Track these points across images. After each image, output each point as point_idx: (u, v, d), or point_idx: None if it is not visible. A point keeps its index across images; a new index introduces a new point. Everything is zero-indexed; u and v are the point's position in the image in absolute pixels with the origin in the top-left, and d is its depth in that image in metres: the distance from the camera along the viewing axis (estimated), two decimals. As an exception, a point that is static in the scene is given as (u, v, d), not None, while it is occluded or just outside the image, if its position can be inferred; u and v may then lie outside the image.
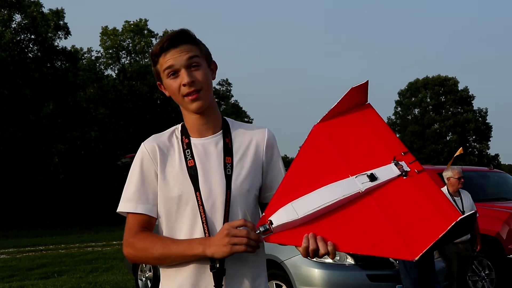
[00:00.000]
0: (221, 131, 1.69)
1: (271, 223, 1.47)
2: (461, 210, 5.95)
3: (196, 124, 1.67)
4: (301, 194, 1.49)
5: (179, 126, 1.74)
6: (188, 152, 1.64)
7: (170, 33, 1.64)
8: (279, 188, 1.54)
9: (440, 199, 1.43)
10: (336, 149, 1.57)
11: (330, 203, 1.45)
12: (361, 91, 1.62)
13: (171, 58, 1.60)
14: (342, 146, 1.58)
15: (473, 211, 1.36)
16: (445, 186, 6.15)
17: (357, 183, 1.48)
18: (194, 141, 1.67)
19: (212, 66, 1.69)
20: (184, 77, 1.59)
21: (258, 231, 1.48)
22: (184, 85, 1.59)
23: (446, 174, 6.10)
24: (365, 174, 1.50)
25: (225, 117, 1.74)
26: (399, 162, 1.52)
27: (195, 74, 1.60)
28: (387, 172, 1.50)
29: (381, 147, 1.57)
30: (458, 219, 1.33)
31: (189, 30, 1.66)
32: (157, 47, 1.63)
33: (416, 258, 1.33)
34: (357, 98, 1.64)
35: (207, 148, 1.66)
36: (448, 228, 1.33)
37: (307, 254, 1.44)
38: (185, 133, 1.69)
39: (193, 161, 1.63)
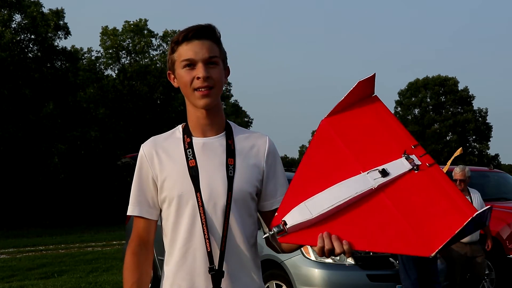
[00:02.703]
0: (224, 132, 1.67)
1: (285, 223, 1.46)
2: None
3: (201, 123, 1.65)
4: (314, 193, 1.48)
5: (179, 126, 1.72)
6: (189, 151, 1.62)
7: (197, 24, 1.60)
8: (290, 186, 1.53)
9: (453, 194, 1.42)
10: (346, 145, 1.56)
11: (343, 201, 1.44)
12: (368, 84, 1.60)
13: (192, 50, 1.58)
14: (352, 141, 1.57)
15: (489, 206, 1.35)
16: None
17: (369, 180, 1.47)
18: (196, 140, 1.65)
19: (226, 71, 1.68)
20: (200, 70, 1.57)
21: (272, 232, 1.47)
22: (198, 78, 1.57)
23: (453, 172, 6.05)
24: (376, 169, 1.48)
25: (228, 120, 1.72)
26: (410, 156, 1.51)
27: (211, 71, 1.58)
28: (398, 166, 1.49)
29: (391, 141, 1.56)
30: (474, 215, 1.31)
31: (216, 27, 1.63)
32: (181, 35, 1.59)
33: (432, 255, 1.32)
34: (364, 91, 1.62)
35: (209, 147, 1.64)
36: (464, 224, 1.31)
37: (322, 254, 1.43)
38: (187, 132, 1.66)
39: (194, 161, 1.61)
